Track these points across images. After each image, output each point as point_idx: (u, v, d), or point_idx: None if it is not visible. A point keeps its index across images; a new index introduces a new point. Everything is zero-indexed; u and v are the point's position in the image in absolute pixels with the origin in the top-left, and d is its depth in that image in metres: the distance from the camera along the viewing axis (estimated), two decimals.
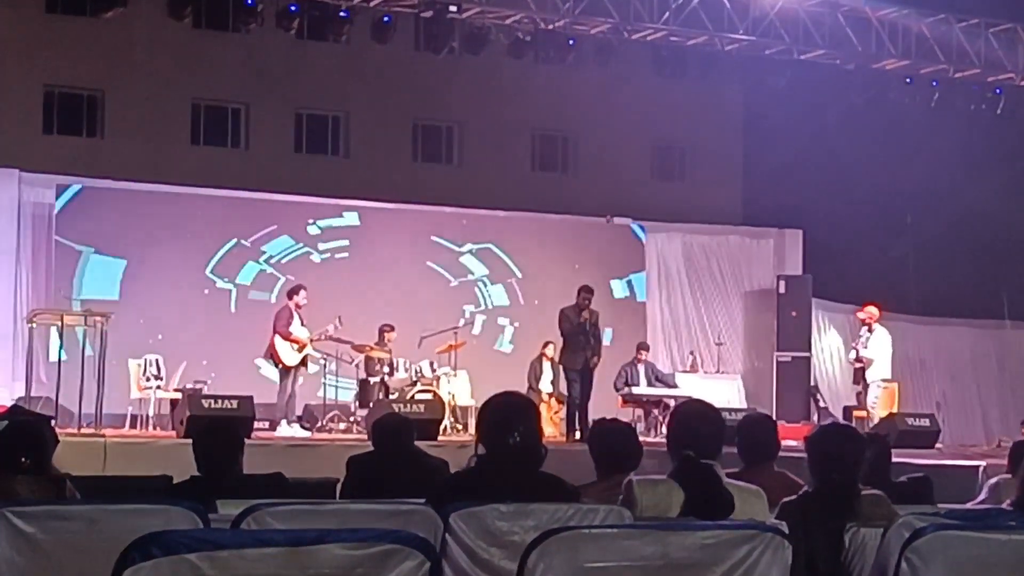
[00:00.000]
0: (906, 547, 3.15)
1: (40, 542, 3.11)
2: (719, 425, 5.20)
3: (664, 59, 17.64)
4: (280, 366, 14.91)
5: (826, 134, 19.16)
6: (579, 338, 14.60)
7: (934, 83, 18.34)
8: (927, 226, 20.74)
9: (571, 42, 16.91)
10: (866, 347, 16.58)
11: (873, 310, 16.89)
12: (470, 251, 19.19)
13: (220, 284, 17.97)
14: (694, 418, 4.98)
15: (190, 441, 5.95)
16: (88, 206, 17.37)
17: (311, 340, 14.93)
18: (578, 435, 14.21)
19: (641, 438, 6.08)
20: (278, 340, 14.82)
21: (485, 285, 19.26)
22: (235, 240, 18.01)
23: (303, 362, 15.01)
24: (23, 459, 5.13)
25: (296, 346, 14.79)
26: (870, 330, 16.73)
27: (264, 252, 18.21)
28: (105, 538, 3.05)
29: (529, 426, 4.71)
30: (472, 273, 19.22)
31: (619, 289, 19.86)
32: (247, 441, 7.42)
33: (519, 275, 19.31)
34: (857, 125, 19.18)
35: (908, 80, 18.27)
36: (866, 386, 16.68)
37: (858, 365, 16.74)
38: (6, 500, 3.28)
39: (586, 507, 3.85)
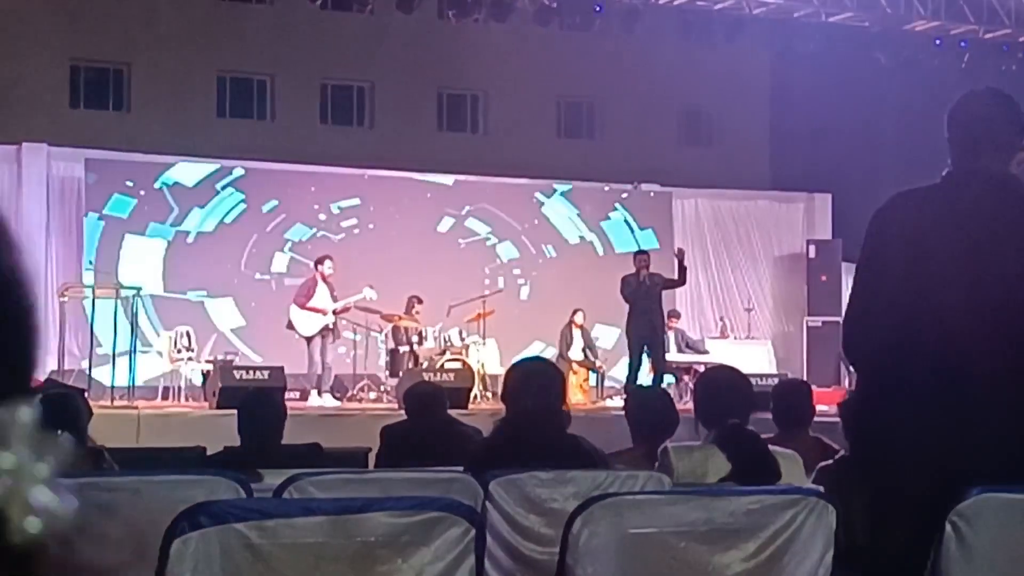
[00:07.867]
0: (951, 511, 3.13)
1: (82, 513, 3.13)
2: (747, 391, 5.19)
3: (691, 24, 17.51)
4: (297, 336, 14.94)
5: (854, 97, 18.98)
6: (641, 302, 14.63)
7: (963, 44, 18.12)
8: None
9: (597, 8, 16.80)
10: None
11: None
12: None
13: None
14: (721, 384, 4.97)
15: (222, 412, 6.01)
16: (116, 180, 17.47)
17: (335, 311, 14.91)
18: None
19: None
20: (294, 310, 14.84)
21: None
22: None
23: (330, 331, 14.97)
24: (59, 431, 5.17)
25: (315, 316, 14.78)
26: None
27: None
28: (148, 509, 3.07)
29: (552, 391, 4.80)
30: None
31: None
32: None
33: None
34: (886, 88, 18.99)
35: (938, 42, 18.07)
36: None
37: None
38: None
39: (625, 474, 3.86)
